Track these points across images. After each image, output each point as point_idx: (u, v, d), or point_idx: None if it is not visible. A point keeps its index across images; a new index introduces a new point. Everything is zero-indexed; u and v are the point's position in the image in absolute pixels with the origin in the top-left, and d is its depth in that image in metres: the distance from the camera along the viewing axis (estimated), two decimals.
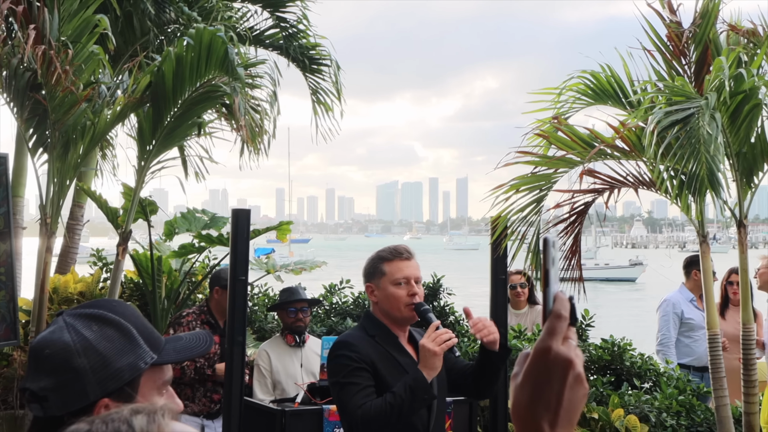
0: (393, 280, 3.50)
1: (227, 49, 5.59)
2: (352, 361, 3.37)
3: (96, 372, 1.54)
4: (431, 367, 3.31)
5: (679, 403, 5.82)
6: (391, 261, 3.55)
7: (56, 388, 1.52)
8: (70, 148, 6.01)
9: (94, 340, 1.56)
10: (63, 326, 1.58)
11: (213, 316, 5.99)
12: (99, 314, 1.60)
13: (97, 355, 1.55)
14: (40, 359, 1.55)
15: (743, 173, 5.09)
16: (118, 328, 1.59)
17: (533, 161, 5.29)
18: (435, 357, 3.30)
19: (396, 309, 3.50)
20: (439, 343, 3.32)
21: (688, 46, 5.24)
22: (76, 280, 7.80)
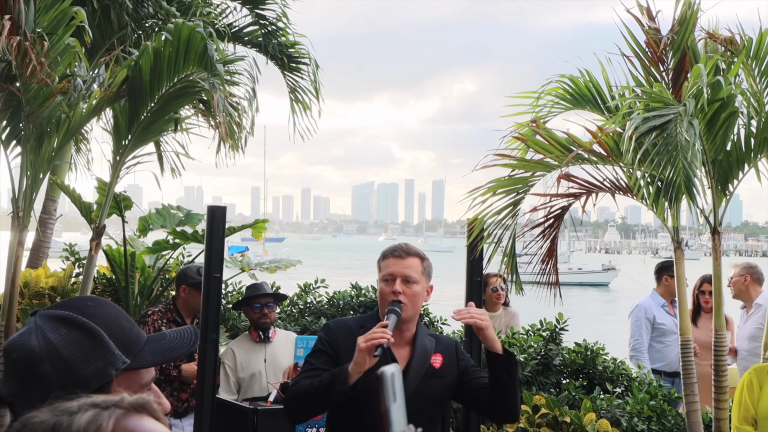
0: (382, 276, 3.59)
1: (206, 45, 5.55)
2: (320, 343, 3.55)
3: (60, 379, 1.48)
4: (356, 362, 3.33)
5: (651, 408, 5.85)
6: (386, 258, 3.62)
7: (21, 393, 1.47)
8: (44, 141, 5.94)
9: (60, 346, 1.49)
10: (33, 329, 1.52)
11: (180, 314, 5.94)
12: (68, 317, 1.53)
13: (62, 362, 1.48)
14: (9, 363, 1.51)
15: (719, 180, 5.12)
16: (87, 332, 1.52)
17: (511, 164, 5.30)
18: (359, 353, 3.32)
19: (382, 305, 3.57)
20: (368, 339, 3.33)
21: (667, 53, 5.26)
22: (48, 275, 7.72)
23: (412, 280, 3.55)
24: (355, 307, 7.56)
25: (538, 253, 5.58)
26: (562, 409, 5.56)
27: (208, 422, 4.63)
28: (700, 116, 4.71)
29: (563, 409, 5.57)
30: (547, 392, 6.03)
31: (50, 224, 8.63)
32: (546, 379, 6.24)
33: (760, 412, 4.67)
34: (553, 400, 5.62)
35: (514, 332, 6.80)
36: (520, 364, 6.13)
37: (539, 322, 6.68)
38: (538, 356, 6.30)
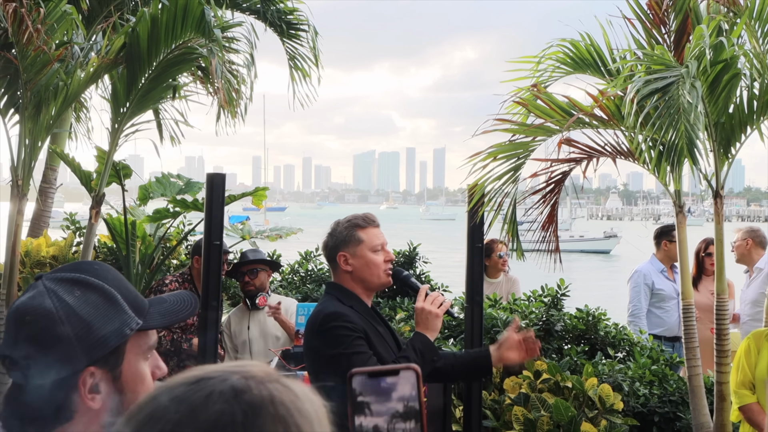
0: (372, 246, 3.51)
1: (204, 11, 5.50)
2: (350, 331, 3.34)
3: (81, 339, 1.47)
4: (434, 328, 3.40)
5: (652, 372, 5.86)
6: (366, 228, 3.54)
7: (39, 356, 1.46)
8: (42, 109, 5.91)
9: (77, 306, 1.49)
10: (44, 291, 1.50)
11: (195, 285, 5.95)
12: (81, 279, 1.53)
13: (81, 322, 1.48)
14: (20, 326, 1.48)
15: (721, 143, 5.08)
16: (101, 293, 1.53)
17: (511, 129, 5.26)
18: (437, 319, 3.39)
19: (375, 275, 3.51)
20: (438, 305, 3.41)
21: (668, 15, 5.20)
22: (49, 244, 7.72)
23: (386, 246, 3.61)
24: None
25: (538, 220, 5.56)
26: (563, 375, 5.57)
27: None
28: (703, 78, 4.66)
29: (565, 375, 5.58)
30: (548, 358, 6.04)
31: (50, 193, 8.61)
32: (548, 344, 6.25)
33: (757, 376, 4.68)
34: (554, 366, 5.63)
35: (515, 298, 6.80)
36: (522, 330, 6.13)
37: (541, 288, 6.68)
38: (540, 322, 6.31)
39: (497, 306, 6.56)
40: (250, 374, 0.96)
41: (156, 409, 0.95)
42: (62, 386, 1.48)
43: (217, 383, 0.95)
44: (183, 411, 0.93)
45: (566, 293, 6.51)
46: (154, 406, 0.95)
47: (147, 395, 0.98)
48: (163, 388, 0.97)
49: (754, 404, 4.67)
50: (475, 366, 3.69)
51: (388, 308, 6.94)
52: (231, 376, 0.96)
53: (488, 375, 3.73)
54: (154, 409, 0.95)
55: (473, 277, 5.15)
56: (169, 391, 0.96)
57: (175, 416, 0.93)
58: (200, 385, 0.95)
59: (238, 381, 0.95)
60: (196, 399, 0.93)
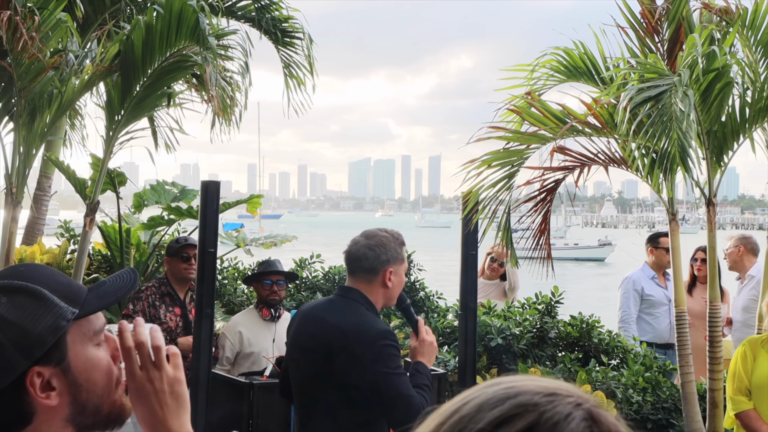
0: (406, 268, 3.60)
1: (198, 18, 5.51)
2: (398, 351, 3.44)
3: (15, 344, 1.47)
4: (432, 361, 3.57)
5: (645, 379, 5.88)
6: (404, 247, 3.62)
7: None
8: (37, 117, 5.91)
9: (5, 312, 1.49)
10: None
11: (172, 287, 5.92)
12: (4, 284, 1.53)
13: (12, 327, 1.47)
14: None
15: (713, 152, 5.11)
16: (27, 294, 1.52)
17: (505, 137, 5.27)
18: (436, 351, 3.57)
19: (396, 297, 3.60)
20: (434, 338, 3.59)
21: (662, 24, 5.23)
22: (43, 252, 7.72)
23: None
24: None
25: (531, 228, 5.57)
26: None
27: (204, 397, 4.64)
28: (695, 87, 4.69)
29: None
30: (542, 365, 6.05)
31: (45, 201, 8.61)
32: (541, 351, 6.26)
33: (754, 382, 4.69)
34: (548, 373, 5.64)
35: (509, 305, 6.81)
36: (516, 337, 6.15)
37: (535, 296, 6.69)
38: (534, 329, 6.32)
39: (491, 313, 6.57)
40: (595, 404, 0.98)
41: (513, 409, 0.94)
42: (11, 392, 1.48)
43: (573, 406, 0.95)
44: (544, 422, 0.93)
45: (560, 301, 6.52)
46: (510, 406, 0.95)
47: (499, 391, 0.98)
48: (520, 390, 0.97)
49: (750, 411, 4.69)
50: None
51: (382, 316, 6.94)
52: (583, 401, 0.97)
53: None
54: (511, 409, 0.94)
55: (467, 285, 5.16)
56: (528, 396, 0.96)
57: (536, 425, 0.93)
58: (557, 399, 0.95)
59: (593, 410, 0.96)
60: (557, 414, 0.94)
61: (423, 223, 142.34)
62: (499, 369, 6.12)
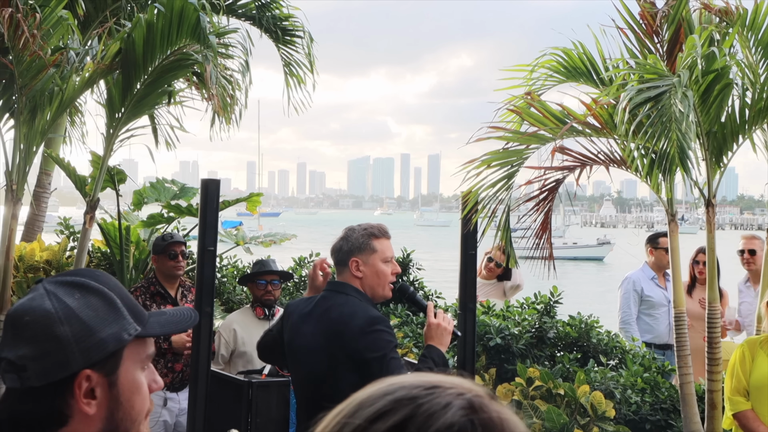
0: (384, 257, 3.61)
1: (199, 17, 5.52)
2: (392, 337, 3.51)
3: (79, 341, 1.47)
4: (446, 344, 3.60)
5: (644, 380, 5.89)
6: (380, 239, 3.64)
7: (37, 357, 1.45)
8: (38, 114, 5.91)
9: (77, 308, 1.49)
10: (43, 293, 1.50)
11: (162, 285, 5.91)
12: (82, 282, 1.54)
13: (81, 324, 1.48)
14: (18, 327, 1.48)
15: (713, 152, 5.12)
16: (102, 297, 1.53)
17: (505, 137, 5.28)
18: (449, 335, 3.60)
19: (381, 286, 3.61)
20: (449, 322, 3.62)
21: (661, 25, 5.24)
22: (43, 248, 7.72)
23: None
24: None
25: (531, 227, 5.58)
26: (556, 382, 5.59)
27: (203, 396, 4.64)
28: (695, 88, 4.70)
29: (557, 382, 5.60)
30: (541, 365, 6.06)
31: (45, 198, 8.61)
32: (540, 351, 6.27)
33: (752, 383, 4.71)
34: (547, 373, 5.65)
35: (508, 305, 6.82)
36: (515, 337, 6.16)
37: (533, 296, 6.70)
38: (533, 329, 6.33)
39: (490, 313, 6.58)
40: (480, 393, 0.99)
41: (390, 404, 0.96)
42: (58, 389, 1.47)
43: (454, 396, 0.97)
44: (420, 413, 0.94)
45: (559, 300, 6.53)
46: (388, 401, 0.97)
47: (377, 390, 0.99)
48: (397, 386, 0.99)
49: (748, 411, 4.70)
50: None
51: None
52: (466, 392, 0.98)
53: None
54: (389, 404, 0.96)
55: (466, 284, 5.16)
56: (406, 391, 0.97)
57: (411, 416, 0.94)
58: (437, 391, 0.97)
59: (474, 399, 0.97)
60: (435, 405, 0.95)
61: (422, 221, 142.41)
62: (497, 369, 6.13)
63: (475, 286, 5.22)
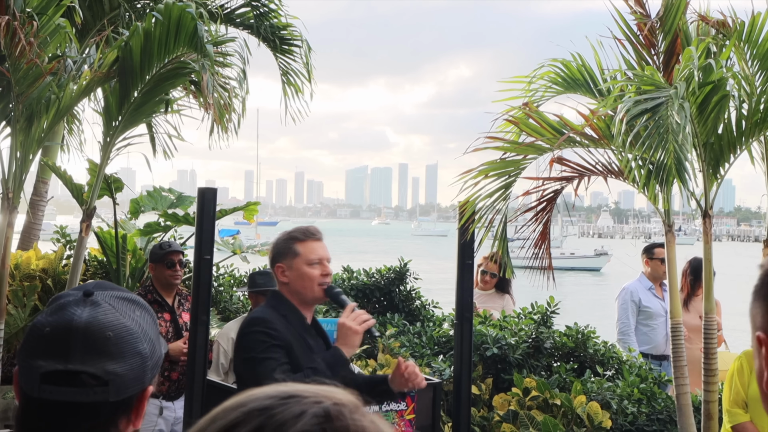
0: (308, 260, 3.53)
1: (196, 26, 5.52)
2: (269, 338, 3.41)
3: (151, 357, 1.50)
4: (351, 345, 3.40)
5: (641, 390, 5.87)
6: (305, 241, 3.57)
7: (123, 372, 1.45)
8: (34, 122, 5.91)
9: (145, 325, 1.52)
10: (110, 308, 1.50)
11: (159, 293, 5.90)
12: (136, 299, 1.56)
13: (149, 341, 1.51)
14: (99, 341, 1.46)
15: (710, 164, 5.12)
16: (151, 316, 1.56)
17: (503, 147, 5.29)
18: (356, 335, 3.40)
19: (309, 289, 3.53)
20: (360, 322, 3.41)
21: (657, 36, 5.25)
22: (39, 257, 7.71)
23: (330, 261, 3.61)
24: (347, 290, 7.57)
25: (530, 237, 5.58)
26: (552, 392, 5.58)
27: (199, 404, 4.63)
28: (692, 99, 4.70)
29: (554, 392, 5.59)
30: (537, 375, 6.05)
31: (41, 206, 8.60)
32: (537, 361, 6.26)
33: (750, 395, 4.69)
34: (543, 383, 5.63)
35: (505, 315, 6.81)
36: (511, 347, 6.15)
37: (530, 306, 6.69)
38: (530, 339, 6.32)
39: (487, 323, 6.57)
40: (341, 402, 0.96)
41: (243, 415, 0.94)
42: (128, 403, 1.49)
43: (311, 404, 0.94)
44: (270, 424, 0.92)
45: (556, 311, 6.52)
46: (241, 412, 0.95)
47: (232, 402, 0.98)
48: (251, 398, 0.97)
49: (747, 423, 4.69)
50: (373, 389, 3.67)
51: (378, 324, 6.94)
52: (325, 400, 0.95)
53: (391, 399, 3.76)
54: (241, 415, 0.94)
55: (463, 294, 5.16)
56: (258, 402, 0.95)
57: (261, 427, 0.92)
58: (292, 401, 0.95)
59: (332, 406, 0.94)
60: (287, 414, 0.93)
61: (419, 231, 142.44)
62: (494, 379, 6.12)
63: (471, 295, 5.21)
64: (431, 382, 5.03)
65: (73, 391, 1.43)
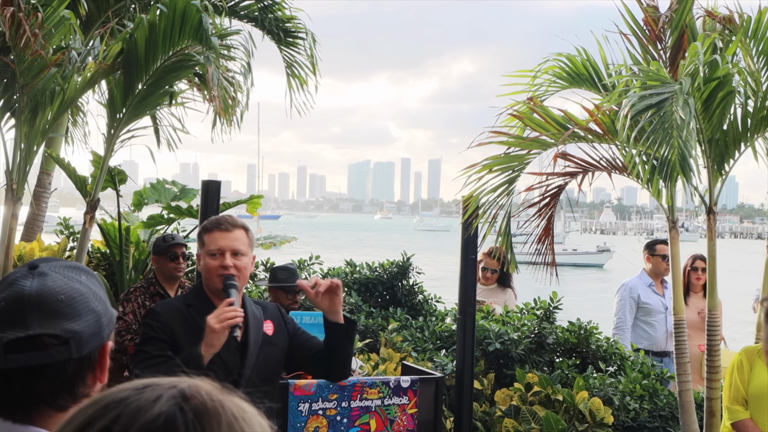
0: (208, 251, 3.47)
1: (201, 18, 5.51)
2: (150, 330, 3.39)
3: (104, 315, 1.60)
4: (208, 343, 3.24)
5: (643, 387, 5.87)
6: (211, 232, 3.50)
7: (80, 329, 1.54)
8: (39, 113, 5.91)
9: (93, 287, 1.61)
10: (58, 276, 1.59)
11: (161, 286, 5.91)
12: (81, 266, 1.66)
13: (100, 300, 1.61)
14: (52, 304, 1.54)
15: (714, 160, 5.11)
16: (97, 280, 1.66)
17: (507, 142, 5.28)
18: (213, 334, 3.24)
19: (209, 279, 3.47)
20: (221, 320, 3.26)
21: (664, 31, 5.24)
22: (42, 248, 7.71)
23: (241, 253, 3.48)
24: (349, 284, 7.57)
25: (534, 233, 5.57)
26: (554, 388, 5.58)
27: None
28: (697, 95, 4.69)
29: (556, 388, 5.59)
30: (540, 370, 6.05)
31: (45, 198, 8.60)
32: (539, 357, 6.26)
33: (750, 391, 4.69)
34: (546, 379, 5.63)
35: (507, 310, 6.81)
36: (514, 342, 6.15)
37: (533, 301, 6.69)
38: (532, 335, 6.32)
39: (489, 318, 6.57)
40: (196, 384, 0.98)
41: (99, 410, 0.96)
42: (91, 359, 1.57)
43: (166, 389, 0.96)
44: (127, 412, 0.93)
45: (558, 306, 6.52)
46: (96, 408, 0.96)
47: (90, 400, 1.00)
48: (107, 394, 0.98)
49: (747, 420, 4.68)
50: (330, 334, 3.57)
51: (381, 318, 6.94)
52: (180, 384, 0.97)
53: (348, 329, 3.60)
54: (97, 410, 0.96)
55: (466, 289, 5.16)
56: (114, 395, 0.97)
57: (118, 416, 0.93)
58: (148, 389, 0.96)
59: (188, 388, 0.96)
60: (143, 400, 0.94)
61: (422, 226, 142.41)
62: (496, 374, 6.12)
63: (474, 290, 5.21)
64: (434, 377, 5.03)
65: (38, 354, 1.51)
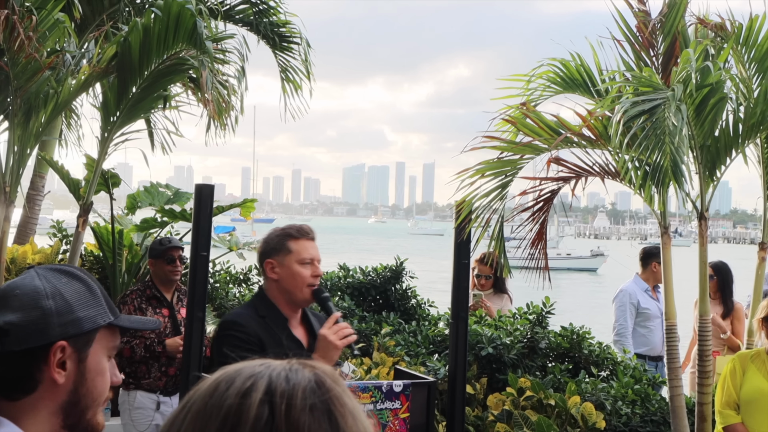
0: (300, 258, 3.47)
1: (196, 22, 5.52)
2: (241, 342, 3.38)
3: (60, 315, 1.63)
4: (330, 359, 3.29)
5: (635, 392, 5.88)
6: (299, 239, 3.51)
7: (20, 323, 1.60)
8: (32, 116, 5.91)
9: (62, 288, 1.67)
10: (34, 275, 1.69)
11: (158, 289, 5.91)
12: (69, 269, 1.73)
13: (63, 301, 1.65)
14: (7, 298, 1.64)
15: (706, 166, 5.13)
16: (85, 285, 1.71)
17: (500, 146, 5.29)
18: (336, 350, 3.30)
19: (298, 289, 3.47)
20: (341, 336, 3.31)
21: (656, 37, 5.26)
22: (35, 251, 7.70)
23: (320, 263, 3.55)
24: (342, 288, 7.57)
25: (527, 237, 5.58)
26: (547, 392, 5.59)
27: None
28: (689, 101, 4.71)
29: (548, 392, 5.59)
30: (532, 375, 6.06)
31: (38, 200, 8.60)
32: (531, 362, 6.27)
33: (742, 397, 4.72)
34: (538, 383, 5.64)
35: (500, 315, 6.82)
36: (506, 347, 6.16)
37: (526, 306, 6.70)
38: (524, 339, 6.32)
39: (482, 322, 6.58)
40: (324, 370, 1.18)
41: (245, 378, 1.13)
42: (35, 355, 1.62)
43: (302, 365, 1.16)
44: (275, 378, 1.12)
45: (551, 311, 6.53)
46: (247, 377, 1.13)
47: (202, 384, 1.17)
48: (248, 364, 1.17)
49: (738, 425, 4.72)
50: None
51: (374, 323, 6.95)
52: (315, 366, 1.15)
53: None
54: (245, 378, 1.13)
55: (459, 293, 5.16)
56: (248, 368, 1.16)
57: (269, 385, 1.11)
58: (266, 363, 1.16)
59: (318, 374, 1.16)
60: (275, 369, 1.15)
61: (416, 230, 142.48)
62: (489, 378, 6.13)
63: (467, 295, 5.21)
64: (426, 381, 5.04)
65: None
